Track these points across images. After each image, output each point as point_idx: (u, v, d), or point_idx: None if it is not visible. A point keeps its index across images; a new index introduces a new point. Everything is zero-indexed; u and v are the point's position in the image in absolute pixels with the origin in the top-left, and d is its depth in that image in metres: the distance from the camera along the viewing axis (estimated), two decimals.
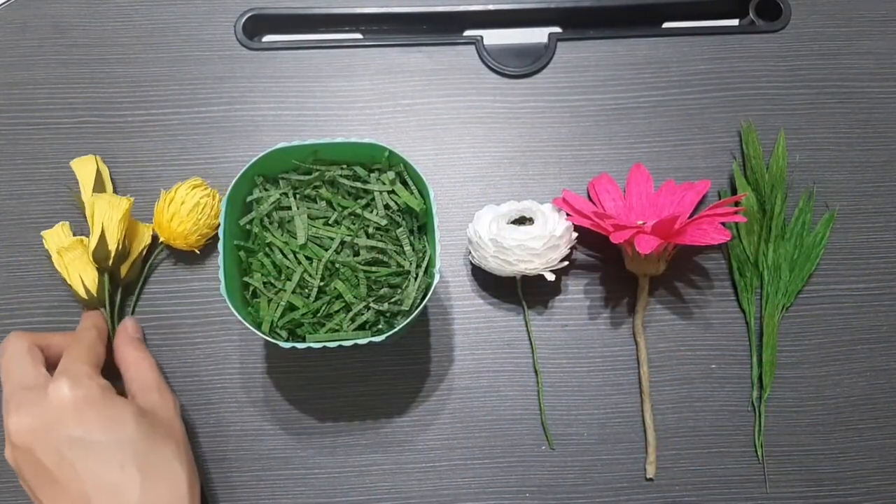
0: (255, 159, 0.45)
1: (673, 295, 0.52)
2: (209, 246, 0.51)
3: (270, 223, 0.46)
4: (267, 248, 0.46)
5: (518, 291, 0.51)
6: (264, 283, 0.45)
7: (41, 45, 0.56)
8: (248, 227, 0.46)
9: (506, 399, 0.50)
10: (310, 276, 0.45)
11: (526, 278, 0.51)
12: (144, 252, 0.51)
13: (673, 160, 0.54)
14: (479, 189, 0.54)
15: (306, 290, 0.45)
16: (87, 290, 0.49)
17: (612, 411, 0.50)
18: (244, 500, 0.48)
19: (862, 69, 0.56)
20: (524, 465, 0.49)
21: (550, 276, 0.48)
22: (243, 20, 0.57)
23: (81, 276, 0.49)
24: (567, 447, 0.49)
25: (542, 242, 0.47)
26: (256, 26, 0.57)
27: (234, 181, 0.44)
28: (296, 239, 0.45)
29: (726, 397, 0.50)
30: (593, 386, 0.50)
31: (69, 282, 0.49)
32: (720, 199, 0.53)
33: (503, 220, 0.49)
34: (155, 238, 0.52)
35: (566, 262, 0.50)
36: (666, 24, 0.58)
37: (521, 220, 0.50)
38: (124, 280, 0.50)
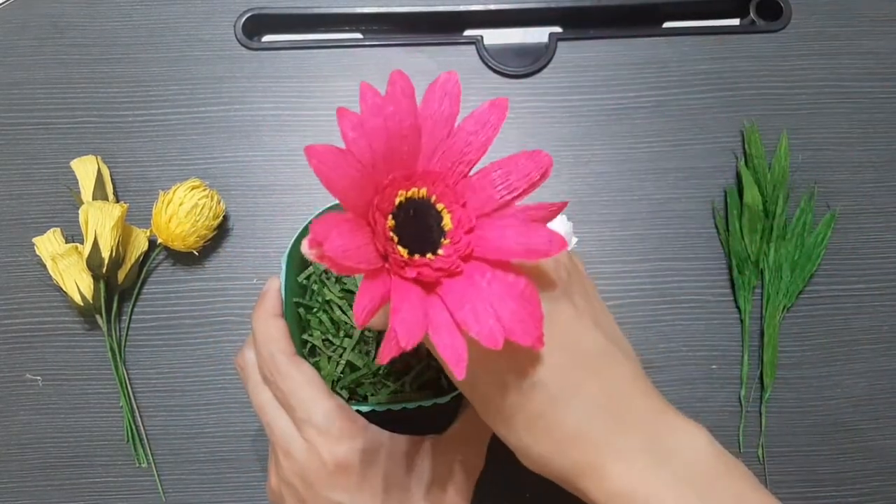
0: (314, 214, 0.41)
1: (673, 294, 0.52)
2: (207, 247, 0.51)
3: (328, 278, 0.45)
4: (326, 305, 0.45)
5: None
6: (323, 340, 0.44)
7: (41, 45, 0.56)
8: (304, 282, 0.45)
9: None
10: (369, 332, 0.43)
11: None
12: (141, 258, 0.51)
13: (673, 160, 0.54)
14: None
15: (366, 347, 0.44)
16: (83, 297, 0.49)
17: None
18: (244, 501, 0.48)
19: (862, 69, 0.56)
20: (524, 465, 0.49)
21: None
22: (243, 20, 0.56)
23: (77, 282, 0.49)
24: None
25: None
26: (256, 26, 0.57)
27: (293, 237, 0.43)
28: (353, 294, 0.44)
29: (726, 398, 0.50)
30: None
31: (64, 289, 0.49)
32: (725, 197, 0.53)
33: None
34: (152, 242, 0.52)
35: None
36: (666, 24, 0.58)
37: None
38: (121, 286, 0.50)
